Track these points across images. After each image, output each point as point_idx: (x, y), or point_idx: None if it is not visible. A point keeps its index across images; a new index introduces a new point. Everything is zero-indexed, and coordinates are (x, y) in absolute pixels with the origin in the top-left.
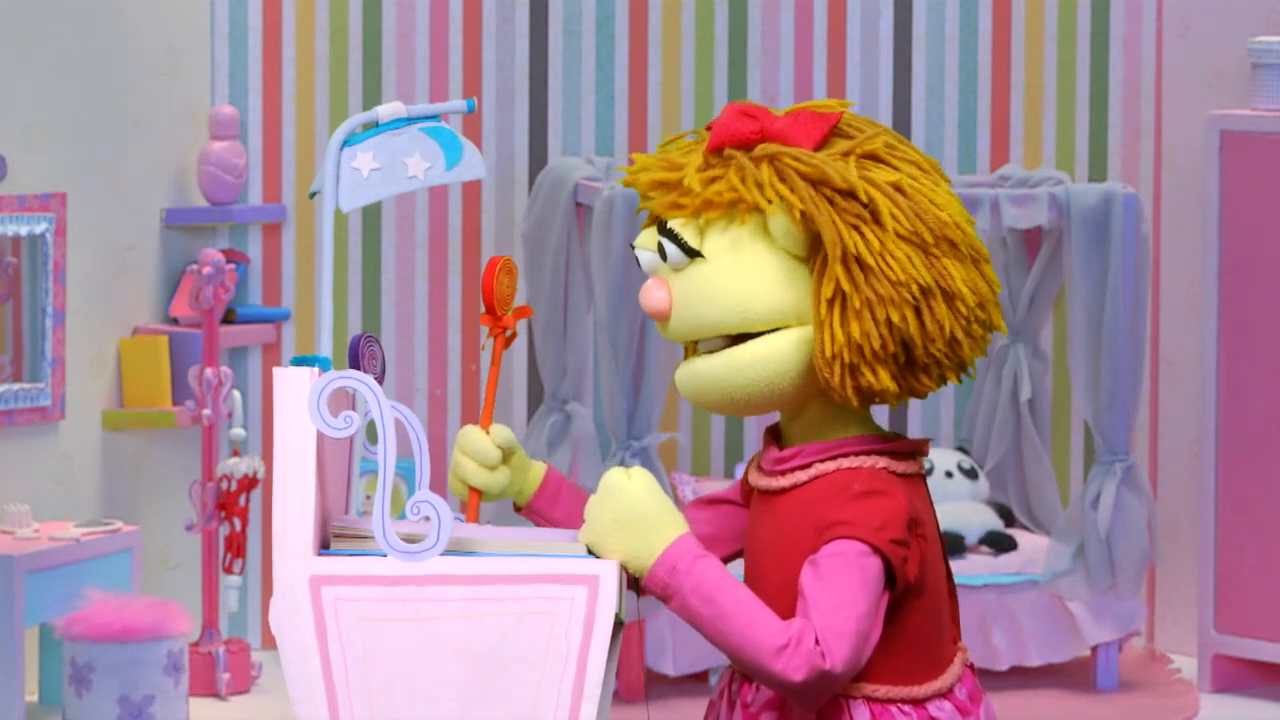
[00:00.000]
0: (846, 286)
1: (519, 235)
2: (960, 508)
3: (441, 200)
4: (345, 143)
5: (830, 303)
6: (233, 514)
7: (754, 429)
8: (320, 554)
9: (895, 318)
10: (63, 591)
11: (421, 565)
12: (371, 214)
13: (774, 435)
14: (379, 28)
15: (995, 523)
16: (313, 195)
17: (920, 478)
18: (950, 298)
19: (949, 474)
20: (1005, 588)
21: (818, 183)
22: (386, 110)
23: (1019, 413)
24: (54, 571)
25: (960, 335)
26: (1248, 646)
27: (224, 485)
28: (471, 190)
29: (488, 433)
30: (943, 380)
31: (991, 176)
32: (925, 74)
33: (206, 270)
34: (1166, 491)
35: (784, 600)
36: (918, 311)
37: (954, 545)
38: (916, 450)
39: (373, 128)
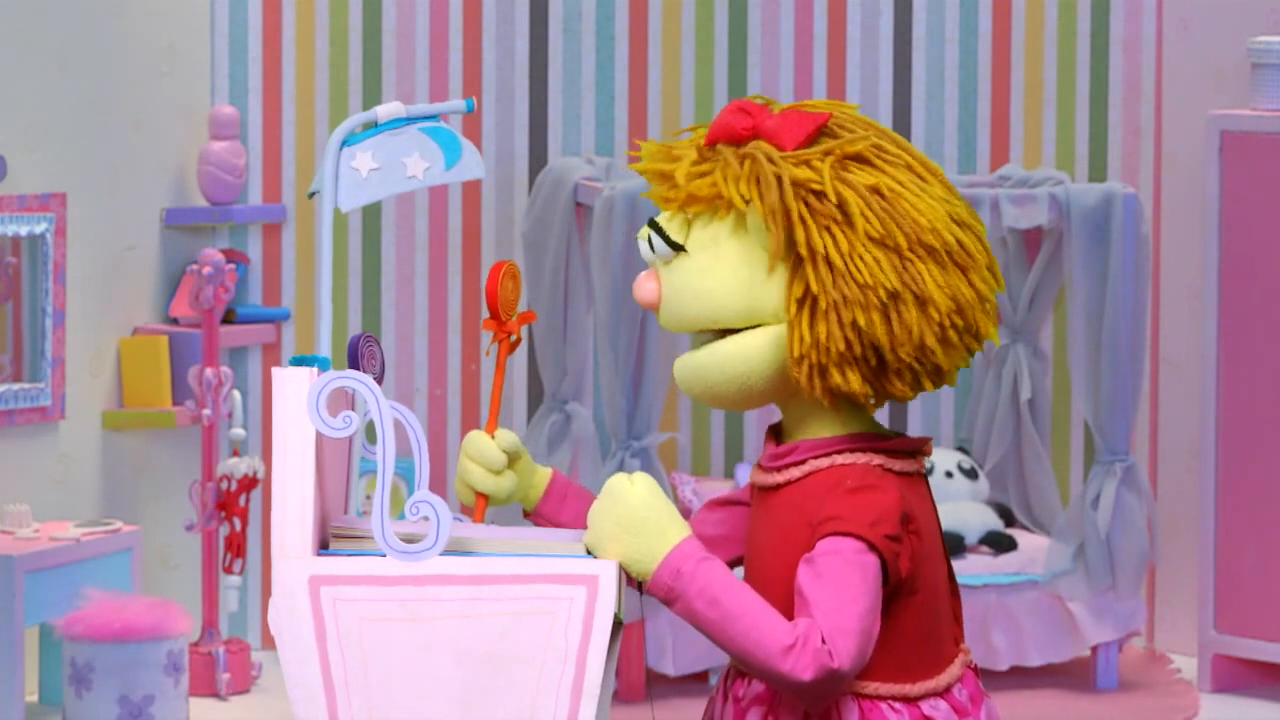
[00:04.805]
0: (815, 287)
1: (519, 235)
2: (960, 508)
3: (441, 200)
4: (344, 143)
5: (800, 303)
6: (233, 514)
7: (754, 429)
8: (319, 554)
9: (861, 320)
10: (63, 591)
11: (420, 565)
12: (371, 214)
13: (775, 432)
14: (379, 28)
15: (995, 523)
16: (312, 195)
17: (920, 476)
18: (922, 303)
19: (949, 474)
20: (1005, 588)
21: (793, 183)
22: (386, 110)
23: (1019, 413)
24: (54, 571)
25: (932, 341)
26: (1248, 646)
27: (224, 485)
28: (471, 190)
29: (493, 437)
30: (919, 385)
31: (991, 176)
32: (925, 74)
33: (206, 270)
34: (1166, 491)
35: (780, 596)
36: (886, 315)
37: (954, 545)
38: (916, 449)
39: (372, 128)
